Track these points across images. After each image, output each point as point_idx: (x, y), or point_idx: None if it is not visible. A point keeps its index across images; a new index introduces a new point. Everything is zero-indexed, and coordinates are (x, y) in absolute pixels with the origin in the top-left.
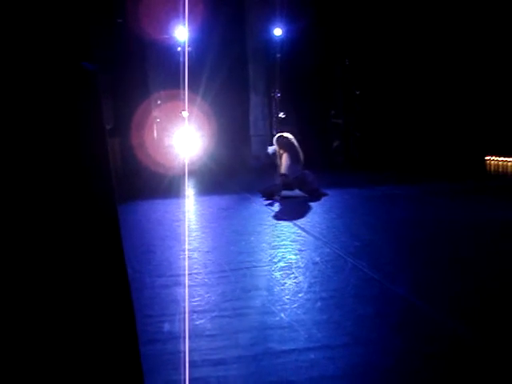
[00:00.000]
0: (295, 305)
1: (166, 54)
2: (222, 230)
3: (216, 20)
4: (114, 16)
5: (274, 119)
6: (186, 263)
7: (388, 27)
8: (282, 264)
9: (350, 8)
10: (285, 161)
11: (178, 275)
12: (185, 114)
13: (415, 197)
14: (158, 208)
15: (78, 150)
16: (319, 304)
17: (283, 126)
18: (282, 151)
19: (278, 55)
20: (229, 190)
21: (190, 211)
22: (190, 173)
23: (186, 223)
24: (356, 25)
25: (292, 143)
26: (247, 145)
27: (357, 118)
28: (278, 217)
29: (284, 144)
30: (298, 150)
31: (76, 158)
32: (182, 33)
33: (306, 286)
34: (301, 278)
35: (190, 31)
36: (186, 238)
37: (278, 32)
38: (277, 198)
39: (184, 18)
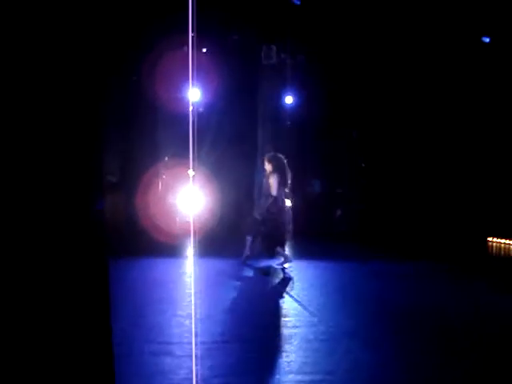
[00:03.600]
0: None
1: (177, 113)
2: (218, 297)
3: (228, 83)
4: (129, 73)
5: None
6: (176, 331)
7: (396, 102)
8: (275, 339)
9: (357, 82)
10: (274, 182)
11: (169, 343)
12: (191, 172)
13: (415, 276)
14: (157, 267)
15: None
16: None
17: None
18: (271, 171)
19: (288, 122)
20: (229, 252)
21: (189, 273)
22: (193, 232)
23: (183, 287)
24: (365, 98)
25: (283, 164)
26: (252, 207)
27: (361, 190)
28: (276, 287)
29: (275, 164)
30: (287, 172)
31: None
32: (193, 94)
33: (297, 366)
34: (293, 357)
35: (202, 93)
36: (181, 304)
37: (288, 100)
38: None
39: (196, 80)
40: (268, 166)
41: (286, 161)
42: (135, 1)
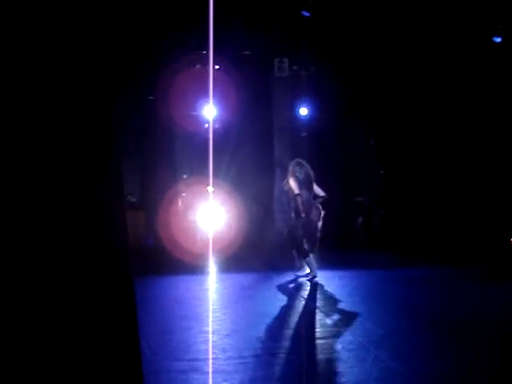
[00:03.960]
0: None
1: (194, 130)
2: (243, 312)
3: (243, 98)
4: (146, 93)
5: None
6: (203, 347)
7: (411, 105)
8: (302, 352)
9: (371, 89)
10: (292, 184)
11: (196, 359)
12: (210, 189)
13: (439, 281)
14: (180, 284)
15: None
16: None
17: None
18: (293, 177)
19: (304, 134)
20: (251, 267)
21: (211, 289)
22: (214, 248)
23: (207, 303)
24: (381, 106)
25: (294, 169)
26: (271, 221)
27: (380, 197)
28: (301, 300)
29: (290, 170)
30: (312, 179)
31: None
32: (209, 110)
33: (326, 377)
34: (321, 368)
35: (217, 109)
36: (206, 320)
37: (303, 111)
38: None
39: (211, 96)
40: (292, 172)
41: (305, 163)
42: (146, 23)
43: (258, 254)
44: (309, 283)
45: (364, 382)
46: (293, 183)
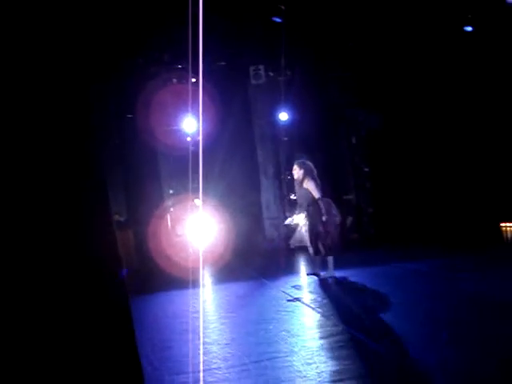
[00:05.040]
0: None
1: (175, 145)
2: (240, 320)
3: (222, 109)
4: (125, 111)
5: (286, 201)
6: (204, 358)
7: (392, 103)
8: (302, 353)
9: (352, 87)
10: (311, 185)
11: (198, 371)
12: (198, 201)
13: (437, 273)
14: (175, 299)
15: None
16: None
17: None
18: (303, 177)
19: (285, 138)
20: (244, 275)
21: (207, 301)
22: (205, 260)
23: (204, 315)
24: (360, 102)
25: (313, 170)
26: (261, 228)
27: (368, 195)
28: (296, 302)
29: (307, 170)
30: (317, 178)
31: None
32: (190, 123)
33: (328, 375)
34: (323, 367)
35: (197, 122)
36: (204, 331)
37: (283, 116)
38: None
39: (191, 109)
40: (299, 172)
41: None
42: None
43: (250, 262)
44: (305, 286)
45: (365, 378)
46: (312, 186)
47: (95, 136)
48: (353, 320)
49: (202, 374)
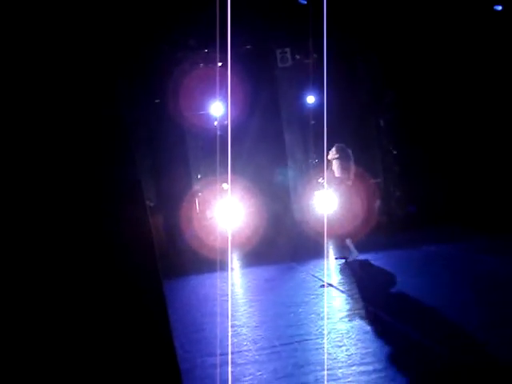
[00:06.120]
0: (349, 378)
1: (203, 130)
2: (270, 303)
3: (249, 93)
4: (152, 97)
5: (314, 185)
6: (234, 340)
7: (419, 86)
8: (332, 335)
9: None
10: (337, 166)
11: (228, 353)
12: (225, 186)
13: (467, 256)
14: (205, 283)
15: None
16: (373, 376)
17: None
18: (337, 161)
19: (313, 122)
20: (273, 259)
21: (237, 284)
22: (234, 244)
23: (233, 298)
24: (388, 85)
25: (350, 156)
26: (289, 212)
27: (396, 178)
28: (325, 285)
29: (343, 155)
30: (351, 162)
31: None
32: (217, 108)
33: (358, 357)
34: (353, 350)
35: (224, 106)
36: (234, 314)
37: (310, 99)
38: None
39: (218, 93)
40: (335, 155)
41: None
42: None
43: (278, 246)
44: (332, 269)
45: (395, 361)
46: (344, 169)
47: (125, 124)
48: (381, 303)
49: (231, 356)
